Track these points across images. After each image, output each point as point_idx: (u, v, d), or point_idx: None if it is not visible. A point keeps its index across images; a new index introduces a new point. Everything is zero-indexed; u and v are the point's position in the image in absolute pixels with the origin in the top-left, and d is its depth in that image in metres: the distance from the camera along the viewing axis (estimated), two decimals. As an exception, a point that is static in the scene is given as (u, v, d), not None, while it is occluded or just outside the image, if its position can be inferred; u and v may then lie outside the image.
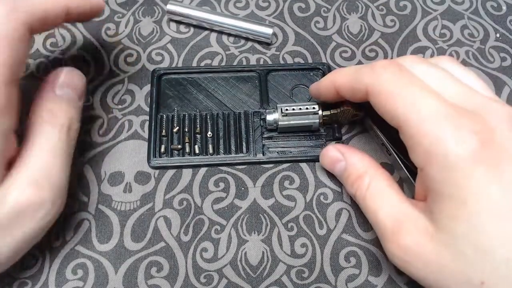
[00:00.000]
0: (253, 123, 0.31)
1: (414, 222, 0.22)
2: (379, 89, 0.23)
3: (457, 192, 0.20)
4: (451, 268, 0.20)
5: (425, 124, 0.21)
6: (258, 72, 0.33)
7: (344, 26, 0.36)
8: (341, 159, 0.27)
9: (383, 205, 0.23)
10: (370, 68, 0.24)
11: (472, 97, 0.22)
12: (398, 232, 0.22)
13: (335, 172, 0.28)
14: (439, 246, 0.20)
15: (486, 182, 0.19)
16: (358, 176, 0.25)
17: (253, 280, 0.27)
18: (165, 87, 0.33)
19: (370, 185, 0.24)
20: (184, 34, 0.36)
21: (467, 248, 0.19)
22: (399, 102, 0.22)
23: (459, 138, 0.20)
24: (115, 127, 0.32)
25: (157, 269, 0.27)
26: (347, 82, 0.25)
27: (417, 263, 0.21)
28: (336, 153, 0.27)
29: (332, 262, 0.27)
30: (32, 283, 0.26)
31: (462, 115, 0.20)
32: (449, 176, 0.20)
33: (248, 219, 0.28)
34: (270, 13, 0.37)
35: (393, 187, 0.24)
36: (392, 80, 0.22)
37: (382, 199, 0.24)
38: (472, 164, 0.19)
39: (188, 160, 0.30)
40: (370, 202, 0.24)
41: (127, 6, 0.37)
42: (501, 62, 0.35)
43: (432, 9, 0.37)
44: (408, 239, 0.21)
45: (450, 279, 0.20)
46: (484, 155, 0.19)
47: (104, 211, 0.29)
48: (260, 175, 0.30)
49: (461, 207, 0.20)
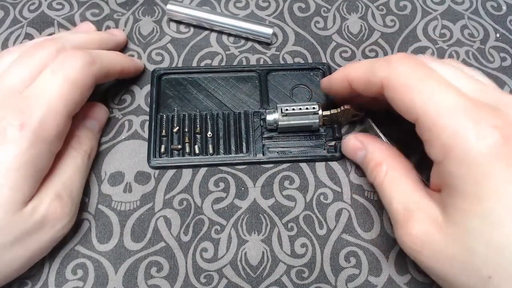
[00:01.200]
0: (253, 123, 0.31)
1: (426, 211, 0.22)
2: (396, 82, 0.22)
3: (474, 188, 0.19)
4: (459, 260, 0.20)
5: (444, 117, 0.20)
6: (258, 72, 0.33)
7: (344, 26, 0.36)
8: (362, 148, 0.27)
9: (398, 193, 0.24)
10: (386, 61, 0.23)
11: (489, 93, 0.22)
12: (408, 220, 0.22)
13: (356, 160, 0.29)
14: (448, 238, 0.20)
15: (505, 180, 0.19)
16: (377, 164, 0.26)
17: (253, 280, 0.27)
18: (165, 87, 0.33)
19: (387, 173, 0.25)
20: (184, 34, 0.36)
21: (478, 243, 0.19)
22: (417, 94, 0.21)
23: (479, 133, 0.19)
24: (115, 127, 0.32)
25: (157, 269, 0.27)
26: (361, 75, 0.25)
27: (426, 252, 0.21)
28: (356, 142, 0.28)
29: (332, 262, 0.27)
30: (32, 283, 0.26)
31: (482, 109, 0.20)
32: (467, 172, 0.20)
33: (248, 219, 0.28)
34: (270, 13, 0.37)
35: (409, 176, 0.24)
36: (409, 73, 0.22)
37: (397, 187, 0.24)
38: (492, 161, 0.19)
39: (188, 160, 0.30)
40: (386, 190, 0.24)
41: (127, 6, 0.37)
42: (501, 62, 0.34)
43: (432, 9, 0.37)
44: (417, 228, 0.22)
45: (456, 270, 0.20)
46: (505, 151, 0.19)
47: (104, 211, 0.29)
48: (260, 175, 0.30)
49: (476, 203, 0.19)
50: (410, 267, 0.27)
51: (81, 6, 0.37)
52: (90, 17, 0.36)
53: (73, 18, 0.36)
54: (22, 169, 0.23)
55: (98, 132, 0.30)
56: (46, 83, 0.25)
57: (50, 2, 0.37)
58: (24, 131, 0.23)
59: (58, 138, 0.25)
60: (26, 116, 0.23)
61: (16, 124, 0.23)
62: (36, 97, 0.24)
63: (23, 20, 0.36)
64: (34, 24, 0.36)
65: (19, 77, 0.25)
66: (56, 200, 0.25)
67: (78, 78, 0.25)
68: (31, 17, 0.36)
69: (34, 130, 0.23)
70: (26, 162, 0.23)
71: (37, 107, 0.24)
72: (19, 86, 0.25)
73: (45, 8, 0.37)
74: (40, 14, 0.36)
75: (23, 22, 0.36)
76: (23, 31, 0.35)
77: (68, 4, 0.37)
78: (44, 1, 0.37)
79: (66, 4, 0.37)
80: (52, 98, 0.24)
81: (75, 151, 0.27)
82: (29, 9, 0.37)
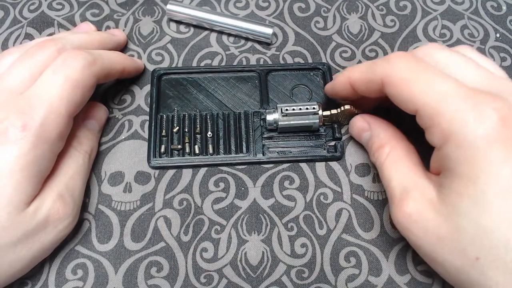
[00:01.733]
0: (253, 123, 0.31)
1: (421, 191, 0.22)
2: (395, 78, 0.23)
3: (468, 170, 0.20)
4: (448, 240, 0.20)
5: (443, 103, 0.21)
6: (258, 72, 0.33)
7: (344, 26, 0.36)
8: (367, 129, 0.28)
9: (397, 173, 0.24)
10: (384, 59, 0.24)
11: (494, 80, 0.22)
12: (404, 198, 0.23)
13: (361, 140, 0.29)
14: (440, 217, 0.21)
15: (500, 162, 0.19)
16: (380, 145, 0.26)
17: (253, 280, 0.27)
18: (165, 87, 0.33)
19: (389, 154, 0.25)
20: (184, 34, 0.36)
21: (467, 224, 0.20)
22: (415, 86, 0.22)
23: (478, 116, 0.20)
24: (115, 127, 0.32)
25: (157, 269, 0.27)
26: (362, 75, 0.26)
27: (417, 231, 0.22)
28: (363, 123, 0.28)
29: (332, 262, 0.27)
30: (32, 283, 0.26)
31: (480, 95, 0.20)
32: (464, 155, 0.20)
33: (248, 219, 0.28)
34: (270, 13, 0.37)
35: (410, 158, 0.25)
36: (407, 68, 0.23)
37: (397, 167, 0.24)
38: (489, 143, 0.19)
39: (188, 160, 0.30)
40: (386, 170, 0.25)
41: (127, 6, 0.37)
42: (501, 62, 0.35)
43: (432, 9, 0.37)
44: (411, 206, 0.22)
45: (445, 250, 0.21)
46: (503, 133, 0.19)
47: (104, 211, 0.29)
48: (260, 175, 0.30)
49: (470, 185, 0.20)
50: (410, 267, 0.27)
51: (81, 6, 0.37)
52: (90, 17, 0.36)
53: (73, 18, 0.36)
54: (24, 170, 0.23)
55: (98, 132, 0.30)
56: (48, 83, 0.25)
57: (50, 2, 0.37)
58: (26, 132, 0.23)
59: (60, 138, 0.25)
60: (28, 117, 0.23)
61: (18, 125, 0.23)
62: (37, 97, 0.24)
63: (23, 20, 0.36)
64: (34, 24, 0.36)
65: (20, 78, 0.25)
66: (58, 200, 0.25)
67: (79, 78, 0.26)
68: (31, 17, 0.36)
69: (36, 130, 0.23)
70: (28, 163, 0.23)
71: (38, 108, 0.24)
72: (20, 86, 0.25)
73: (45, 8, 0.37)
74: (40, 14, 0.36)
75: (23, 22, 0.36)
76: (23, 31, 0.35)
77: (68, 4, 0.37)
78: (44, 1, 0.37)
79: (66, 4, 0.37)
80: (53, 99, 0.24)
81: (76, 151, 0.28)
82: (29, 9, 0.37)
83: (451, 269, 0.21)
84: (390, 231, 0.28)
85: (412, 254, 0.27)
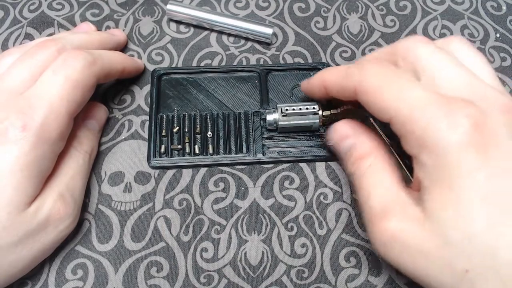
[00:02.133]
0: (253, 123, 0.31)
1: (403, 208, 0.21)
2: (367, 86, 0.23)
3: (445, 177, 0.19)
4: (435, 255, 0.20)
5: (416, 111, 0.20)
6: (258, 72, 0.33)
7: (344, 26, 0.36)
8: (351, 136, 0.26)
9: (377, 186, 0.23)
10: (358, 66, 0.24)
11: (470, 84, 0.22)
12: (385, 215, 0.22)
13: (339, 147, 0.27)
14: (425, 232, 0.20)
15: (474, 167, 0.19)
16: (363, 155, 0.25)
17: (253, 280, 0.27)
18: (165, 87, 0.33)
19: (371, 166, 0.24)
20: (184, 34, 0.36)
21: (453, 234, 0.19)
22: (388, 94, 0.22)
23: (450, 123, 0.19)
24: (115, 127, 0.32)
25: (157, 269, 0.27)
26: (336, 80, 0.25)
27: (399, 249, 0.21)
28: (347, 129, 0.27)
29: (332, 262, 0.27)
30: (32, 283, 0.26)
31: (453, 101, 0.20)
32: (439, 162, 0.20)
33: (248, 219, 0.28)
34: (270, 13, 0.37)
35: (393, 172, 0.23)
36: (378, 75, 0.22)
37: (378, 181, 0.23)
38: (462, 149, 0.19)
39: (188, 160, 0.30)
40: (366, 182, 0.24)
41: (127, 6, 0.37)
42: (501, 62, 0.35)
43: (432, 9, 0.37)
44: (393, 224, 0.21)
45: (432, 266, 0.20)
46: (475, 138, 0.19)
47: (104, 211, 0.29)
48: (260, 175, 0.30)
49: (449, 193, 0.19)
50: (410, 267, 0.27)
51: (81, 6, 0.37)
52: (90, 17, 0.36)
53: (73, 18, 0.36)
54: (25, 170, 0.23)
55: (98, 132, 0.31)
56: (48, 83, 0.25)
57: (50, 2, 0.37)
58: (26, 132, 0.23)
59: (61, 138, 0.25)
60: (28, 117, 0.23)
61: (18, 125, 0.23)
62: (37, 98, 0.24)
63: (23, 20, 0.36)
64: (34, 24, 0.36)
65: (20, 78, 0.25)
66: (59, 200, 0.25)
67: (79, 78, 0.26)
68: (31, 17, 0.36)
69: (37, 131, 0.23)
70: (29, 163, 0.23)
71: (39, 108, 0.24)
72: (20, 87, 0.25)
73: (45, 8, 0.37)
74: (40, 14, 0.36)
75: (23, 22, 0.36)
76: (23, 31, 0.35)
77: (68, 4, 0.37)
78: (44, 1, 0.37)
79: (66, 4, 0.37)
80: (54, 99, 0.24)
81: (76, 151, 0.28)
82: (29, 9, 0.37)
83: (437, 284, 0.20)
84: (390, 231, 0.28)
85: (412, 254, 0.27)
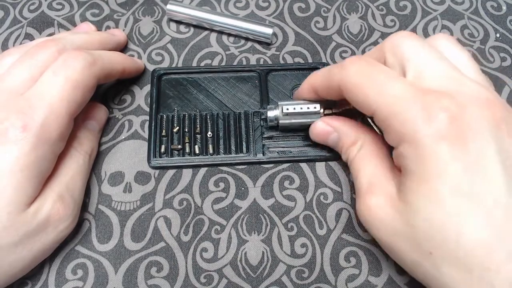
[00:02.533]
0: (253, 123, 0.31)
1: (384, 187, 0.24)
2: (350, 83, 0.24)
3: (420, 169, 0.21)
4: (403, 234, 0.21)
5: (395, 105, 0.21)
6: (258, 72, 0.33)
7: (344, 26, 0.36)
8: (332, 131, 0.28)
9: (364, 168, 0.25)
10: (339, 66, 0.25)
11: (452, 78, 0.22)
12: (367, 192, 0.24)
13: (328, 143, 0.29)
14: (397, 213, 0.22)
15: (449, 159, 0.20)
16: (352, 143, 0.27)
17: (253, 280, 0.27)
18: (165, 87, 0.33)
19: (360, 150, 0.26)
20: (184, 34, 0.36)
21: (421, 220, 0.20)
22: (369, 89, 0.23)
23: (427, 116, 0.20)
24: (115, 127, 0.32)
25: (157, 269, 0.27)
26: (322, 82, 0.26)
27: (376, 224, 0.23)
28: (325, 127, 0.28)
29: (332, 262, 0.27)
30: (32, 283, 0.26)
31: (431, 94, 0.21)
32: (416, 154, 0.21)
33: (248, 219, 0.28)
34: (270, 13, 0.37)
35: (378, 154, 0.26)
36: (359, 72, 0.23)
37: (365, 163, 0.25)
38: (437, 141, 0.20)
39: (188, 160, 0.30)
40: (355, 164, 0.26)
41: (127, 6, 0.37)
42: (501, 62, 0.35)
43: (432, 9, 0.37)
44: (373, 200, 0.23)
45: (402, 244, 0.22)
46: (451, 131, 0.20)
47: (104, 211, 0.29)
48: (260, 175, 0.30)
49: (422, 182, 0.21)
50: (410, 267, 0.27)
51: (81, 6, 0.37)
52: (90, 17, 0.36)
53: (73, 18, 0.36)
54: (25, 170, 0.23)
55: (98, 132, 0.30)
56: (48, 84, 0.25)
57: (50, 2, 0.37)
58: (26, 133, 0.23)
59: (61, 139, 0.25)
60: (28, 118, 0.23)
61: (18, 125, 0.23)
62: (38, 98, 0.24)
63: (23, 20, 0.36)
64: (34, 24, 0.36)
65: (20, 79, 0.25)
66: (58, 201, 0.25)
67: (79, 79, 0.26)
68: (31, 17, 0.36)
69: (37, 131, 0.23)
70: (29, 163, 0.23)
71: (39, 109, 0.24)
72: (21, 87, 0.25)
73: (45, 8, 0.37)
74: (40, 14, 0.36)
75: (23, 22, 0.36)
76: (23, 31, 0.35)
77: (68, 4, 0.37)
78: (44, 1, 0.37)
79: (66, 4, 0.37)
80: (54, 99, 0.24)
81: (76, 152, 0.28)
82: (29, 9, 0.37)
83: (408, 261, 0.22)
84: (390, 231, 0.28)
85: (412, 254, 0.27)
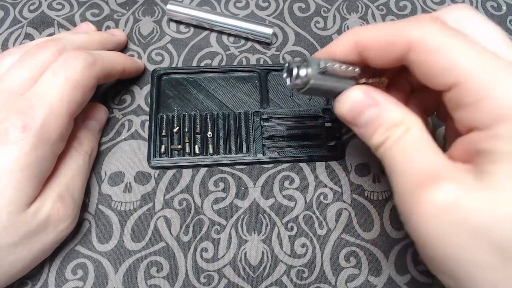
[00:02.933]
0: (253, 123, 0.31)
1: (453, 177, 0.18)
2: (430, 42, 0.19)
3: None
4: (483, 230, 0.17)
5: (497, 73, 0.18)
6: (258, 72, 0.33)
7: (344, 26, 0.36)
8: (372, 105, 0.21)
9: (416, 153, 0.20)
10: (412, 20, 0.20)
11: None
12: (425, 184, 0.19)
13: (359, 121, 0.22)
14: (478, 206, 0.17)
15: None
16: (395, 123, 0.21)
17: (253, 280, 0.27)
18: (165, 87, 0.33)
19: (405, 135, 0.20)
20: (184, 34, 0.36)
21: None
22: (460, 55, 0.19)
23: None
24: (115, 127, 0.32)
25: (157, 269, 0.27)
26: (379, 37, 0.21)
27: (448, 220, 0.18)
28: (364, 98, 0.22)
29: (332, 262, 0.27)
30: (32, 283, 0.26)
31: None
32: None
33: (248, 219, 0.28)
34: (270, 13, 0.37)
35: (431, 140, 0.20)
36: (443, 32, 0.19)
37: (417, 148, 0.20)
38: None
39: (188, 160, 0.30)
40: (399, 150, 0.20)
41: (127, 6, 0.37)
42: (501, 62, 0.34)
43: (432, 9, 0.37)
44: (444, 191, 0.18)
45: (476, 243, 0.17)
46: None
47: (104, 211, 0.29)
48: (260, 175, 0.30)
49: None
50: (410, 267, 0.27)
51: (81, 6, 0.37)
52: (90, 17, 0.36)
53: (73, 18, 0.36)
54: (25, 171, 0.23)
55: (98, 132, 0.31)
56: (48, 84, 0.25)
57: (50, 2, 0.37)
58: (26, 133, 0.23)
59: (61, 139, 0.25)
60: (28, 118, 0.23)
61: (18, 125, 0.23)
62: (38, 98, 0.24)
63: (23, 20, 0.36)
64: (34, 24, 0.36)
65: (20, 79, 0.25)
66: (58, 201, 0.25)
67: (79, 79, 0.26)
68: (31, 17, 0.36)
69: (37, 131, 0.23)
70: (29, 163, 0.23)
71: (39, 109, 0.24)
72: (21, 87, 0.25)
73: (45, 8, 0.37)
74: (40, 14, 0.36)
75: (23, 22, 0.36)
76: (23, 31, 0.35)
77: (68, 4, 0.37)
78: (44, 1, 0.37)
79: (66, 4, 0.37)
80: (54, 100, 0.24)
81: (76, 152, 0.28)
82: (29, 9, 0.37)
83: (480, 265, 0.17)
84: (390, 231, 0.28)
85: (412, 254, 0.27)
